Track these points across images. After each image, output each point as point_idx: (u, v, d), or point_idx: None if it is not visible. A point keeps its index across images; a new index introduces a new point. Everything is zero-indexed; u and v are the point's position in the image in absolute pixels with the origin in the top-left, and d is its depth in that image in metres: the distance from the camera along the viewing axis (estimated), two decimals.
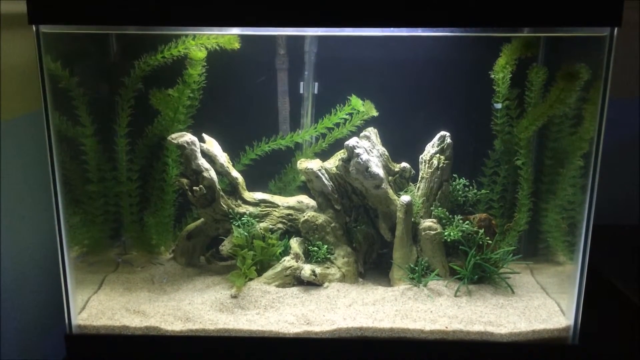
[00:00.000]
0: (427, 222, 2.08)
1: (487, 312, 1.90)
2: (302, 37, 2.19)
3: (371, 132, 2.13)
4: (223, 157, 2.15)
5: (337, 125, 2.22)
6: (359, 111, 2.18)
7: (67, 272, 1.85)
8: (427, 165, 2.16)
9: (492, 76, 2.11)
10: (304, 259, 2.08)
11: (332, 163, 2.13)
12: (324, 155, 2.21)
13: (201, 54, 2.06)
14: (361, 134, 2.12)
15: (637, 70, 2.37)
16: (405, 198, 2.05)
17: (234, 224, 2.10)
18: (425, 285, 2.01)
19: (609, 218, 2.21)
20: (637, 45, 2.33)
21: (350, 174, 2.05)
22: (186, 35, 2.04)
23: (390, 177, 2.16)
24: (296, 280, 2.04)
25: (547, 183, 2.19)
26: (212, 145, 2.15)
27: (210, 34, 2.01)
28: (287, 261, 2.05)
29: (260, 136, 2.26)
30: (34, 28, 1.68)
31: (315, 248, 2.08)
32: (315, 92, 2.24)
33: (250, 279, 2.03)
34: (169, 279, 2.13)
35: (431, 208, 2.14)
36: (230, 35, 2.01)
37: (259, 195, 2.21)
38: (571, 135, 2.09)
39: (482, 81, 2.14)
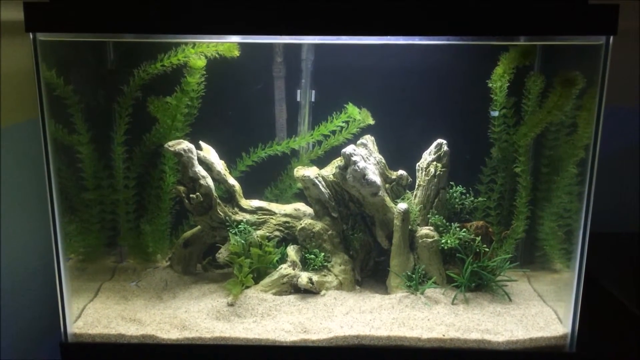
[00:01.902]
0: (424, 230, 2.08)
1: (485, 320, 1.90)
2: (299, 45, 2.20)
3: (368, 139, 2.14)
4: (220, 165, 2.15)
5: (334, 132, 2.22)
6: (355, 119, 2.18)
7: (63, 280, 1.84)
8: (424, 172, 2.16)
9: (490, 85, 2.12)
10: (300, 266, 2.07)
11: (329, 170, 2.13)
12: (321, 162, 2.21)
13: (201, 63, 2.06)
14: (358, 142, 2.12)
15: (637, 78, 2.38)
16: (402, 206, 2.05)
17: (231, 232, 2.10)
18: (422, 293, 2.01)
19: (609, 226, 2.21)
20: (637, 53, 2.34)
21: (347, 181, 2.05)
22: (185, 44, 2.04)
23: (387, 185, 2.16)
24: (293, 288, 2.04)
25: (544, 191, 2.19)
26: (209, 152, 2.15)
27: (209, 42, 2.01)
28: (284, 269, 2.05)
29: (257, 144, 2.26)
30: (30, 36, 1.68)
31: (312, 256, 2.08)
32: (312, 99, 2.25)
33: (247, 287, 2.02)
34: (167, 285, 2.13)
35: (428, 216, 2.14)
36: (229, 43, 2.01)
37: (255, 203, 2.21)
38: (567, 142, 2.10)
39: (479, 89, 2.14)
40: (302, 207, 2.23)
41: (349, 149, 2.03)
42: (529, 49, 2.07)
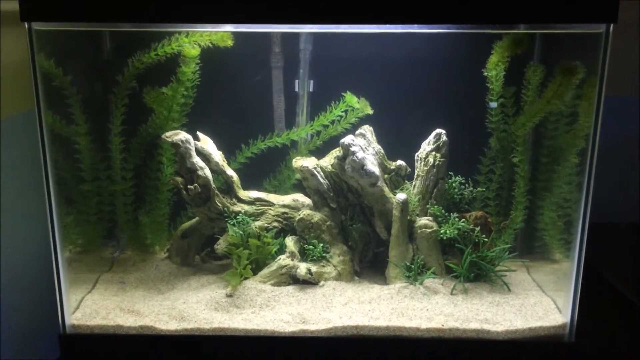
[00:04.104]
0: (423, 220, 2.07)
1: (484, 310, 1.89)
2: (297, 35, 2.19)
3: (367, 130, 2.13)
4: (218, 156, 2.14)
5: (333, 122, 2.21)
6: (353, 108, 2.17)
7: (61, 272, 1.83)
8: (422, 163, 2.15)
9: (485, 74, 2.11)
10: (299, 257, 2.07)
11: (328, 161, 2.12)
12: (319, 152, 2.21)
13: (194, 52, 2.05)
14: (357, 132, 2.11)
15: (637, 68, 2.36)
16: (401, 196, 2.04)
17: (229, 223, 2.09)
18: (421, 284, 2.00)
19: (609, 216, 2.21)
20: (637, 43, 2.32)
21: (345, 172, 2.04)
22: (179, 33, 2.03)
23: (386, 175, 2.15)
24: (292, 279, 2.03)
25: (543, 181, 2.19)
26: (206, 143, 2.14)
27: (203, 31, 2.00)
28: (283, 260, 2.04)
29: (255, 134, 2.25)
30: (26, 25, 1.67)
31: (311, 246, 2.08)
32: (311, 90, 2.24)
33: (246, 278, 2.02)
34: (164, 277, 2.13)
35: (427, 206, 2.13)
36: (223, 32, 2.00)
37: (254, 194, 2.21)
38: (567, 132, 2.09)
39: (478, 79, 2.13)
40: (300, 197, 2.23)
41: (347, 140, 2.02)
42: (522, 37, 2.05)
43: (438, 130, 2.15)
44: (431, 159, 2.13)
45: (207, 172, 2.09)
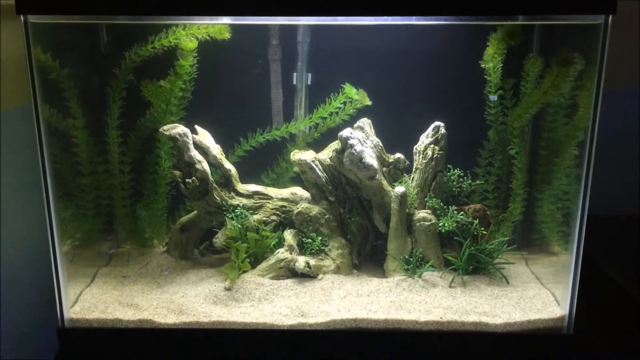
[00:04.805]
0: (421, 213, 2.07)
1: (482, 302, 1.89)
2: (295, 28, 2.17)
3: (365, 122, 2.12)
4: (216, 149, 2.14)
5: (331, 114, 2.20)
6: (352, 100, 2.16)
7: (59, 266, 1.83)
8: (421, 156, 2.15)
9: (483, 66, 2.10)
10: (298, 250, 2.07)
11: (326, 154, 2.12)
12: (317, 145, 2.20)
13: (192, 45, 2.04)
14: (355, 125, 2.10)
15: (637, 60, 2.35)
16: (399, 189, 2.04)
17: (228, 216, 2.09)
18: (419, 277, 2.00)
19: (608, 208, 2.20)
20: (637, 36, 2.31)
21: (344, 165, 2.03)
22: (176, 25, 2.02)
23: (384, 168, 2.15)
24: (290, 272, 2.03)
25: (542, 173, 2.18)
26: (204, 137, 2.14)
27: (200, 24, 1.99)
28: (281, 253, 2.04)
29: (253, 128, 2.24)
30: (22, 18, 1.66)
31: (309, 240, 2.07)
32: (309, 83, 2.23)
33: (244, 272, 2.02)
34: (163, 271, 2.13)
35: (425, 199, 2.13)
36: (220, 24, 1.99)
37: (252, 187, 2.20)
38: (566, 125, 2.08)
39: (477, 71, 2.12)
40: (299, 191, 2.22)
41: (345, 132, 2.02)
42: (516, 28, 2.03)
43: (436, 123, 2.14)
44: (430, 152, 2.12)
45: (205, 166, 2.08)
